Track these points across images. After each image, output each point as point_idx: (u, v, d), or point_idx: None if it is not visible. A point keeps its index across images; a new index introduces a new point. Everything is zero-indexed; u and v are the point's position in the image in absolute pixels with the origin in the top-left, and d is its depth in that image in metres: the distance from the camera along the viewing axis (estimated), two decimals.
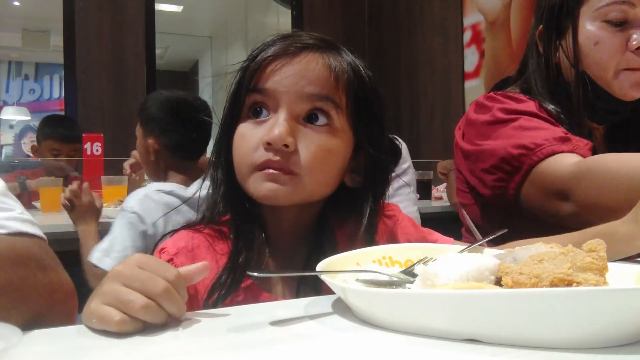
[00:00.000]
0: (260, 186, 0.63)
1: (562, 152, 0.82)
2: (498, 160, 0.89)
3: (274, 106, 0.64)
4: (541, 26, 1.00)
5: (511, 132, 0.88)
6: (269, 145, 0.61)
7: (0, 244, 0.52)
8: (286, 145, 0.61)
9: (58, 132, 2.46)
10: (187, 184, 1.52)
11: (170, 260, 0.65)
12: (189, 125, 1.52)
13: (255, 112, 0.65)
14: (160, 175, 1.55)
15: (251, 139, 0.64)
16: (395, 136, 0.78)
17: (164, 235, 0.70)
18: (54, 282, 0.55)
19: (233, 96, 0.67)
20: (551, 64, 0.98)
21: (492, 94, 1.01)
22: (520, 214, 0.92)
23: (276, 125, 0.61)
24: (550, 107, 0.96)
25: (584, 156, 0.82)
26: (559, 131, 0.88)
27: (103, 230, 1.53)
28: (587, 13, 0.93)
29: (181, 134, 1.52)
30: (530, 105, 0.94)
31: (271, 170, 0.62)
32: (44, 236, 0.60)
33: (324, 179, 0.66)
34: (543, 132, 0.86)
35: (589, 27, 0.93)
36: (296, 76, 0.63)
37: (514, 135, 0.87)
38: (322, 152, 0.64)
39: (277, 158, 0.61)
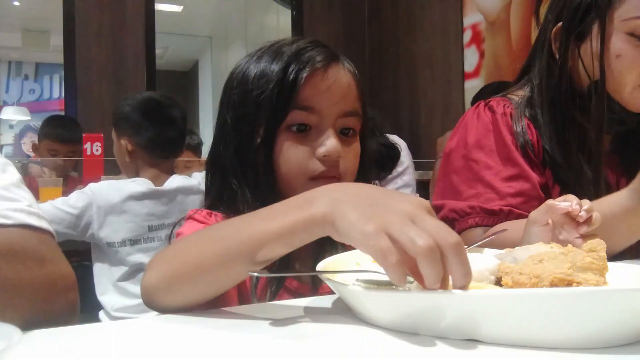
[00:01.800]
0: None
1: (485, 225, 0.88)
2: (441, 218, 0.98)
3: (317, 121, 0.71)
4: (559, 25, 0.93)
5: (458, 183, 0.95)
6: (324, 157, 0.69)
7: None
8: (339, 156, 0.70)
9: (57, 132, 2.49)
10: (159, 180, 1.57)
11: None
12: (161, 123, 1.58)
13: (297, 126, 0.70)
14: (133, 174, 1.60)
15: (301, 152, 0.70)
16: (395, 136, 0.80)
17: (176, 224, 0.74)
18: (52, 274, 0.54)
19: (270, 108, 0.69)
20: (565, 68, 0.93)
21: (480, 106, 0.98)
22: None
23: (329, 139, 0.70)
24: (543, 118, 0.93)
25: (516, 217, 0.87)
26: (498, 184, 0.90)
27: None
28: (613, 22, 0.87)
29: (154, 133, 1.57)
30: (500, 139, 0.93)
31: (325, 182, 0.66)
32: (50, 229, 0.58)
33: (353, 178, 0.75)
34: (481, 189, 0.91)
35: (611, 38, 0.88)
36: (334, 93, 0.70)
37: (457, 192, 0.95)
38: (356, 158, 0.74)
39: (331, 169, 0.70)
